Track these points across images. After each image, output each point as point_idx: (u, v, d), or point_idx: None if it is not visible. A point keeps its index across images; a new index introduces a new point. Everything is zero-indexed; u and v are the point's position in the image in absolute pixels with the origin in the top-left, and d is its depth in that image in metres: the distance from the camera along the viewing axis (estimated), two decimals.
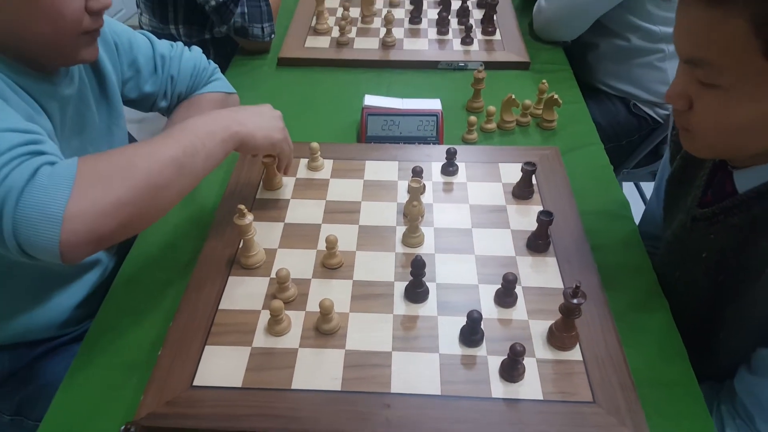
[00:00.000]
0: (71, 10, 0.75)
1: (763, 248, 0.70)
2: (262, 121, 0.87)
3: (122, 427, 0.62)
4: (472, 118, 1.11)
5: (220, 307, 0.79)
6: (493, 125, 1.14)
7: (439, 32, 1.42)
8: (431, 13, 1.49)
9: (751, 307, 0.72)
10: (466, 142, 1.12)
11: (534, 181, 0.97)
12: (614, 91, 1.50)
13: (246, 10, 1.32)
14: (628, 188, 2.02)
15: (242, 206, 0.81)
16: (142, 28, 1.64)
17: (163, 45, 1.05)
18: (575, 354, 0.73)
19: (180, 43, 1.08)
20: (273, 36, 1.39)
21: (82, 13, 0.76)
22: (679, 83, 0.68)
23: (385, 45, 1.37)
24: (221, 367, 0.72)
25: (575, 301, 0.69)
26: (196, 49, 1.11)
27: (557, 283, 0.82)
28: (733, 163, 0.75)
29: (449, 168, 1.01)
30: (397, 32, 1.41)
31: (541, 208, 0.93)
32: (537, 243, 0.86)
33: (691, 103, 0.68)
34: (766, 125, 0.64)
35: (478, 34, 1.42)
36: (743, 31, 0.59)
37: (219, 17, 1.34)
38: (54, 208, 0.60)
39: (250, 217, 0.81)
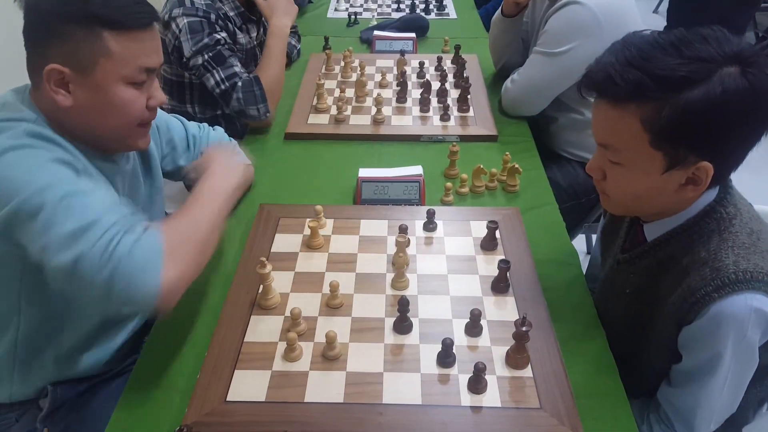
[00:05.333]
0: (136, 107, 0.97)
1: (666, 283, 0.91)
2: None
3: (177, 428, 0.80)
4: (449, 183, 1.33)
5: (245, 339, 0.98)
6: (466, 189, 1.36)
7: (422, 110, 1.64)
8: (415, 93, 1.71)
9: (663, 331, 0.93)
10: (443, 203, 1.33)
11: (498, 235, 1.18)
12: (573, 157, 1.72)
13: (241, 96, 1.53)
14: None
15: (263, 258, 1.02)
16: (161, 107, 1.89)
17: (193, 126, 1.29)
18: (527, 372, 0.92)
19: (206, 125, 1.31)
20: (269, 114, 1.57)
21: (144, 109, 0.99)
22: (595, 160, 0.91)
23: (376, 121, 1.59)
24: (248, 386, 0.90)
25: (524, 328, 0.90)
26: (219, 129, 1.34)
27: (515, 317, 1.01)
28: (643, 218, 0.97)
29: (429, 225, 1.22)
30: (386, 110, 1.63)
31: (503, 257, 1.14)
32: (499, 285, 1.07)
33: (604, 174, 0.91)
34: (657, 192, 0.87)
35: (454, 111, 1.63)
36: (635, 127, 0.82)
37: (223, 101, 1.57)
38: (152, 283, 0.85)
39: (269, 266, 1.02)
